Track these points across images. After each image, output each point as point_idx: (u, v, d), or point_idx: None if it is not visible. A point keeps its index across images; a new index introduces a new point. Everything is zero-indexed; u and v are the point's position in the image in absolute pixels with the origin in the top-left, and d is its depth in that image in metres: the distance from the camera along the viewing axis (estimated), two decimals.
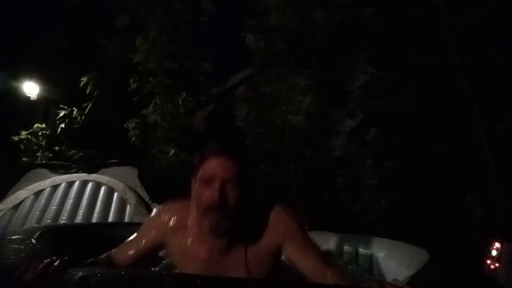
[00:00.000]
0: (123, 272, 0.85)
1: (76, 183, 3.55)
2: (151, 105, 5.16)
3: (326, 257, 1.33)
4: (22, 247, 1.18)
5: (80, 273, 0.85)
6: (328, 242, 1.97)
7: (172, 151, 4.92)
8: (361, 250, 1.81)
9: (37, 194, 3.45)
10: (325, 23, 5.10)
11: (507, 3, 4.23)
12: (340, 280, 1.23)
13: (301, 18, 5.21)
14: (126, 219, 3.35)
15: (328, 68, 5.22)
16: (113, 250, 1.37)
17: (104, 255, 1.34)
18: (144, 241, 1.36)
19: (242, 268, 1.31)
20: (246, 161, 1.31)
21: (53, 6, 6.43)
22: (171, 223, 1.36)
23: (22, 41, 6.69)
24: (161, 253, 1.46)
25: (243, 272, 1.30)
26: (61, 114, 5.71)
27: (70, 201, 3.40)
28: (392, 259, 1.61)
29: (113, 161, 3.82)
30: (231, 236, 1.28)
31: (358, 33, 5.10)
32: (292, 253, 1.31)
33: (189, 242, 1.33)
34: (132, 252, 1.35)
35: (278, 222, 1.33)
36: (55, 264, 0.93)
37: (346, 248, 1.87)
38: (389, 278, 1.42)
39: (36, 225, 3.06)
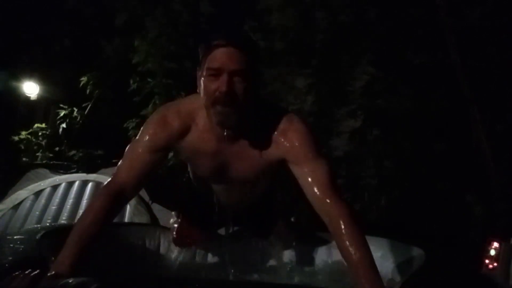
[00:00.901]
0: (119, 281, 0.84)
1: (76, 183, 3.54)
2: (150, 105, 5.16)
3: (333, 186, 1.23)
4: (23, 247, 1.18)
5: (75, 283, 0.84)
6: (328, 242, 1.97)
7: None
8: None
9: (37, 194, 3.45)
10: (326, 23, 5.10)
11: (507, 3, 4.23)
12: (341, 232, 1.14)
13: (302, 18, 5.22)
14: (126, 219, 3.35)
15: (329, 68, 5.22)
16: (113, 179, 1.28)
17: (103, 190, 1.27)
18: (149, 157, 1.28)
19: (245, 159, 1.31)
20: (255, 52, 1.25)
21: (53, 6, 6.43)
22: (174, 131, 1.30)
23: (22, 41, 6.70)
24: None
25: (245, 163, 1.32)
26: (61, 114, 5.71)
27: (70, 201, 3.39)
28: (391, 259, 1.61)
29: (113, 161, 3.82)
30: (240, 128, 1.25)
31: (359, 34, 5.10)
32: (297, 170, 1.26)
33: (196, 139, 1.30)
34: (136, 175, 1.27)
35: (288, 129, 1.28)
36: (43, 277, 0.90)
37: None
38: (387, 278, 1.42)
39: (36, 225, 3.06)
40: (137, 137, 1.34)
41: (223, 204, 1.56)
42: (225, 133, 1.25)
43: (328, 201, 1.20)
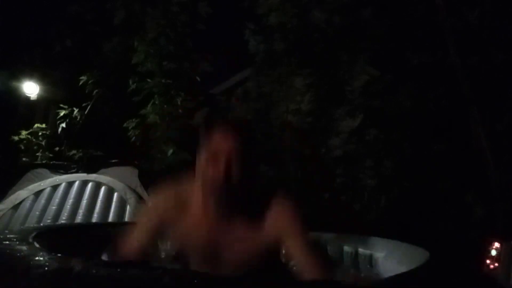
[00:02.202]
0: (118, 270, 0.85)
1: (76, 183, 3.55)
2: (150, 105, 5.16)
3: (312, 255, 1.31)
4: (20, 247, 1.18)
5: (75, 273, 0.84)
6: (328, 242, 1.97)
7: (171, 151, 4.93)
8: (361, 250, 1.81)
9: (37, 194, 3.45)
10: (324, 23, 5.10)
11: (506, 3, 4.23)
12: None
13: (301, 18, 5.22)
14: (126, 219, 3.35)
15: (328, 68, 5.22)
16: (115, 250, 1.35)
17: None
18: (145, 232, 1.34)
19: (241, 245, 1.31)
20: (251, 136, 1.31)
21: (53, 6, 6.44)
22: (169, 217, 1.34)
23: (22, 41, 6.70)
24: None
25: (242, 249, 1.31)
26: (61, 114, 5.72)
27: (70, 201, 3.40)
28: (392, 259, 1.61)
29: (113, 161, 3.82)
30: (234, 215, 1.27)
31: (357, 33, 5.10)
32: (288, 244, 1.32)
33: (190, 226, 1.32)
34: (135, 246, 1.33)
35: (278, 216, 1.32)
36: None
37: (346, 248, 1.87)
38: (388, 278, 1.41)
39: (35, 225, 3.06)
40: (137, 220, 1.45)
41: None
42: (222, 225, 1.28)
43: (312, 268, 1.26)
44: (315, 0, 5.21)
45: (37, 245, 1.17)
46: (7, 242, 1.18)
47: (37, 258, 0.96)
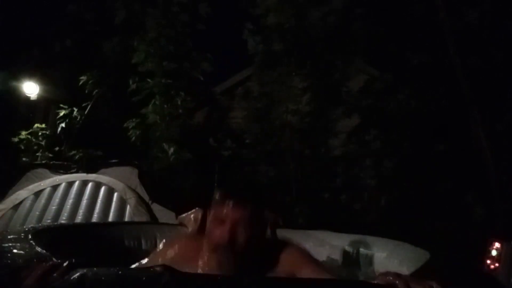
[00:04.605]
0: (120, 272, 0.85)
1: (76, 183, 3.54)
2: (151, 105, 5.17)
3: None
4: (20, 247, 1.18)
5: (77, 273, 0.84)
6: (328, 242, 1.97)
7: (172, 150, 4.93)
8: (361, 250, 1.81)
9: (37, 194, 3.45)
10: (321, 22, 5.10)
11: (506, 3, 4.23)
12: None
13: (299, 18, 5.22)
14: (126, 219, 3.35)
15: (325, 69, 5.22)
16: None
17: None
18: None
19: None
20: (260, 201, 1.33)
21: (53, 6, 6.44)
22: (179, 256, 1.37)
23: (22, 41, 6.70)
24: None
25: None
26: (61, 114, 5.72)
27: (70, 201, 3.40)
28: (393, 259, 1.61)
29: (113, 161, 3.82)
30: (237, 271, 1.28)
31: (354, 33, 5.10)
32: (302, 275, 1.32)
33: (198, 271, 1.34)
34: None
35: (286, 255, 1.34)
36: (58, 269, 0.89)
37: (346, 248, 1.87)
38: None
39: (36, 225, 3.06)
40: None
41: None
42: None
43: None
44: (312, 0, 5.22)
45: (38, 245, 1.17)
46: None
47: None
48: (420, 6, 4.72)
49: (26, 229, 1.49)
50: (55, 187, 3.51)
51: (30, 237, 1.29)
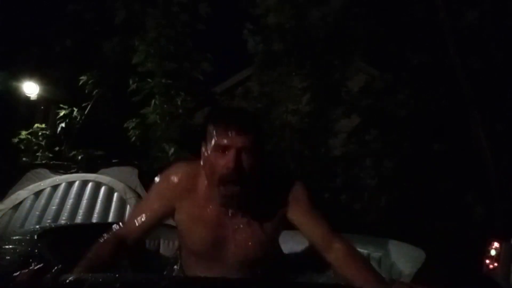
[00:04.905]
0: (117, 275, 0.84)
1: (76, 183, 3.54)
2: (152, 105, 5.17)
3: (335, 231, 1.31)
4: (21, 247, 1.18)
5: (72, 278, 0.84)
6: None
7: (172, 150, 4.93)
8: (361, 250, 1.81)
9: (37, 194, 3.45)
10: (321, 22, 5.11)
11: (506, 3, 4.23)
12: (345, 257, 1.23)
13: (298, 18, 5.22)
14: (126, 219, 3.34)
15: (325, 69, 5.23)
16: (121, 225, 1.33)
17: (111, 234, 1.30)
18: (153, 209, 1.33)
19: (250, 231, 1.30)
20: (260, 129, 1.29)
21: (53, 7, 6.44)
22: (180, 186, 1.32)
23: (22, 41, 6.70)
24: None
25: (250, 235, 1.29)
26: (61, 114, 5.72)
27: (70, 201, 3.39)
28: (392, 259, 1.61)
29: (113, 161, 3.82)
30: (242, 202, 1.25)
31: (354, 33, 5.10)
32: (300, 221, 1.32)
33: (198, 205, 1.30)
34: (142, 223, 1.31)
35: (288, 191, 1.33)
36: (47, 272, 0.88)
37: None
38: (388, 277, 1.42)
39: (36, 225, 3.06)
40: (149, 191, 1.40)
41: None
42: (229, 212, 1.27)
43: (332, 238, 1.28)
44: (312, 0, 5.22)
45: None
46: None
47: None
48: (420, 6, 4.72)
49: (32, 229, 1.49)
50: (55, 187, 3.50)
51: (35, 237, 1.28)
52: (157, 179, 1.39)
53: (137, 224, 1.31)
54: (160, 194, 1.34)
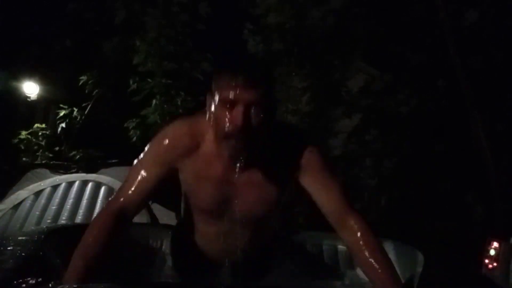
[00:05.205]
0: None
1: (76, 183, 3.54)
2: (153, 105, 5.17)
3: (348, 201, 1.23)
4: (25, 248, 1.18)
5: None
6: (328, 242, 1.97)
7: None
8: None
9: (37, 194, 3.45)
10: (321, 22, 5.11)
11: (506, 3, 4.23)
12: (358, 238, 1.17)
13: (299, 18, 5.22)
14: None
15: (325, 69, 5.23)
16: (116, 198, 1.22)
17: (106, 211, 1.19)
18: (152, 175, 1.22)
19: (256, 188, 1.22)
20: (271, 80, 1.19)
21: (53, 7, 6.44)
22: (181, 147, 1.22)
23: (22, 41, 6.70)
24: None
25: (257, 193, 1.23)
26: (61, 114, 5.72)
27: (70, 201, 3.39)
28: (392, 259, 1.61)
29: (113, 161, 3.82)
30: (250, 158, 1.16)
31: (354, 33, 5.10)
32: (312, 187, 1.23)
33: (203, 162, 1.22)
34: (141, 191, 1.21)
35: (301, 150, 1.22)
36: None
37: (346, 247, 1.87)
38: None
39: (36, 225, 3.06)
40: (142, 152, 1.28)
41: (220, 251, 1.35)
42: (237, 165, 1.17)
43: (347, 212, 1.21)
44: (312, 0, 5.22)
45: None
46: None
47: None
48: (420, 6, 4.72)
49: (39, 229, 1.48)
50: (55, 187, 3.50)
51: (42, 237, 1.27)
52: (153, 141, 1.28)
53: (136, 194, 1.21)
54: (158, 158, 1.24)
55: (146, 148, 1.28)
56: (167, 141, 1.24)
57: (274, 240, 1.48)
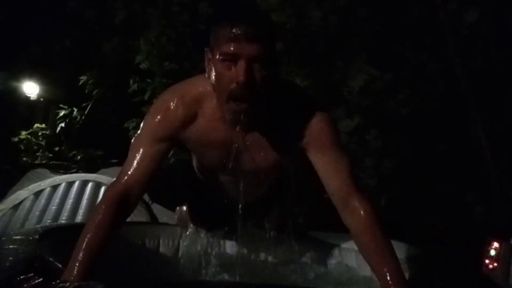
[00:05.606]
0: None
1: (76, 183, 3.55)
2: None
3: (355, 178, 1.18)
4: (23, 247, 1.18)
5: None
6: (328, 242, 1.98)
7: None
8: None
9: (37, 194, 3.45)
10: (322, 22, 5.11)
11: (506, 3, 4.23)
12: (361, 221, 1.11)
13: (299, 18, 5.22)
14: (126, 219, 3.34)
15: (326, 68, 5.22)
16: (118, 180, 1.15)
17: (109, 195, 1.13)
18: (154, 151, 1.17)
19: (260, 150, 1.19)
20: (275, 33, 1.12)
21: (53, 6, 6.43)
22: (180, 117, 1.17)
23: (22, 41, 6.70)
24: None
25: (260, 155, 1.20)
26: (61, 114, 5.72)
27: (70, 201, 3.40)
28: None
29: (113, 161, 3.82)
30: (254, 118, 1.10)
31: (354, 33, 5.10)
32: (317, 160, 1.17)
33: (206, 127, 1.18)
34: (146, 166, 1.15)
35: (310, 118, 1.15)
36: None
37: (346, 247, 1.88)
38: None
39: (36, 225, 3.06)
40: (139, 129, 1.24)
41: (231, 197, 1.39)
42: (237, 128, 1.12)
43: (351, 192, 1.15)
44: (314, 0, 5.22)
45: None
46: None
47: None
48: (420, 6, 4.72)
49: (33, 229, 1.49)
50: (55, 187, 3.51)
51: (37, 237, 1.28)
52: (148, 116, 1.23)
53: (139, 173, 1.15)
54: (156, 135, 1.19)
55: (143, 124, 1.24)
56: (162, 116, 1.19)
57: (277, 185, 1.56)
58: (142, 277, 1.46)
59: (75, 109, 5.75)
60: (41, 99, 6.33)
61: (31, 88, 6.20)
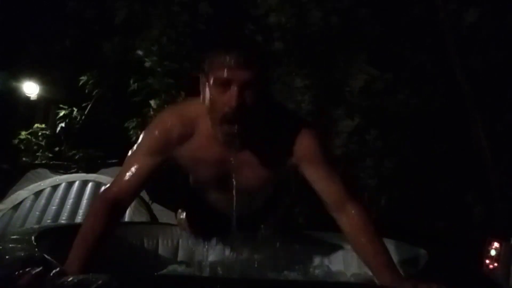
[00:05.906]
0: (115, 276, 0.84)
1: (76, 183, 3.55)
2: (154, 105, 5.16)
3: (349, 192, 1.24)
4: (21, 246, 1.18)
5: (73, 280, 0.84)
6: (328, 242, 1.97)
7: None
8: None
9: (37, 194, 3.46)
10: (323, 22, 5.11)
11: (506, 3, 4.23)
12: (355, 225, 1.18)
13: (300, 18, 5.22)
14: (126, 219, 3.35)
15: (326, 68, 5.22)
16: (111, 187, 1.24)
17: (102, 200, 1.22)
18: (148, 165, 1.25)
19: (252, 168, 1.25)
20: (266, 60, 1.16)
21: (53, 6, 6.43)
22: (176, 135, 1.24)
23: (22, 41, 6.70)
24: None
25: (252, 172, 1.25)
26: (61, 114, 5.72)
27: (70, 201, 3.40)
28: (395, 259, 1.61)
29: (113, 161, 3.82)
30: (246, 140, 1.16)
31: (354, 33, 5.10)
32: (310, 175, 1.24)
33: (199, 146, 1.23)
34: (137, 179, 1.23)
35: (298, 137, 1.22)
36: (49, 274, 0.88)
37: (346, 247, 1.88)
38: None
39: (36, 225, 3.06)
40: (136, 143, 1.32)
41: (225, 212, 1.43)
42: (233, 149, 1.19)
43: (344, 201, 1.22)
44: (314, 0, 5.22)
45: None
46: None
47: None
48: (420, 6, 4.72)
49: (30, 229, 1.50)
50: (55, 187, 3.51)
51: (33, 238, 1.29)
52: (146, 132, 1.30)
53: (130, 184, 1.23)
54: (151, 149, 1.26)
55: (140, 139, 1.31)
56: (159, 132, 1.26)
57: (270, 200, 1.58)
58: (140, 272, 1.47)
59: (75, 109, 5.75)
60: (41, 99, 6.33)
61: (31, 88, 6.19)
